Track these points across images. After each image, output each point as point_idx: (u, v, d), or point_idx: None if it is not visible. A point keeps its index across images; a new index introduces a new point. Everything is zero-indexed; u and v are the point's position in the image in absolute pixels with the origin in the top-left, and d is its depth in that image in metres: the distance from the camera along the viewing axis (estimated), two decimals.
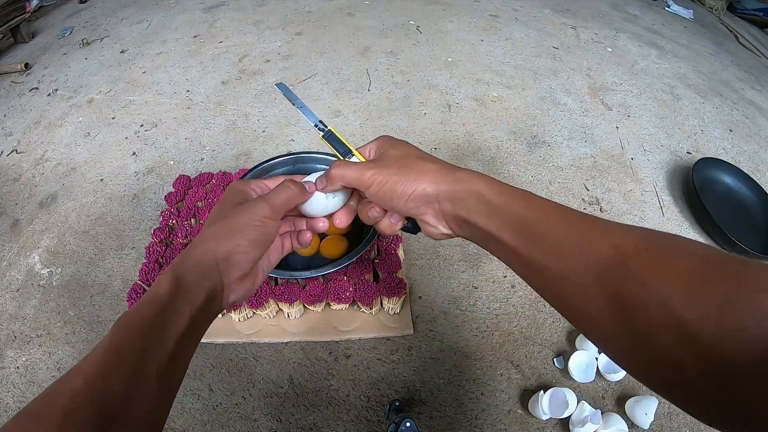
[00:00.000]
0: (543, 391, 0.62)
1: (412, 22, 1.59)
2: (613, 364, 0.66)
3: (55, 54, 1.49)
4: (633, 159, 1.10)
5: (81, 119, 1.18)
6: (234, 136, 1.10)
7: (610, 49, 1.54)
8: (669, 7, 2.00)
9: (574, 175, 1.03)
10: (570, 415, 0.61)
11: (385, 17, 1.62)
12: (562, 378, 0.68)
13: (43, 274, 0.82)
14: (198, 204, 0.82)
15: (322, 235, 0.76)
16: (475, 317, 0.74)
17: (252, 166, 0.78)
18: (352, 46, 1.44)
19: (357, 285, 0.69)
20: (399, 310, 0.72)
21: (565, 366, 0.67)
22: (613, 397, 0.66)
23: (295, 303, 0.68)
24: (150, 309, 0.29)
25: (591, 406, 0.61)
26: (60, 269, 0.83)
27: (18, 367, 0.70)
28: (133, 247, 0.85)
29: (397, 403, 0.62)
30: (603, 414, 0.62)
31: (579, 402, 0.62)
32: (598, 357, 0.67)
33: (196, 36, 1.52)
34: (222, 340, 0.70)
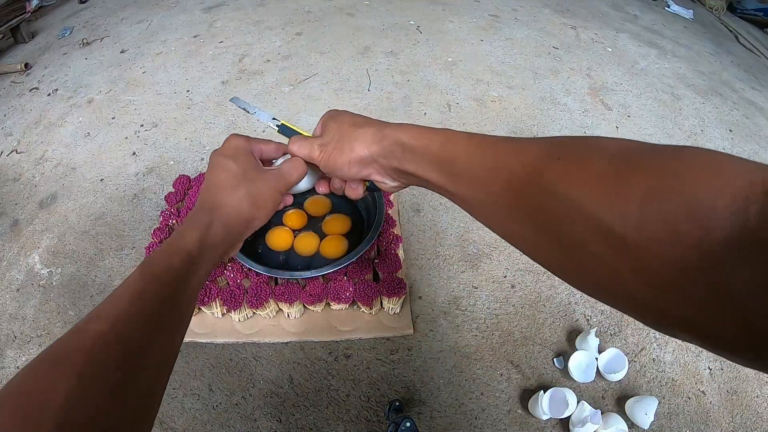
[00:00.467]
0: (543, 391, 0.62)
1: (412, 22, 1.59)
2: (613, 364, 0.66)
3: (55, 54, 1.49)
4: None
5: (81, 119, 1.18)
6: None
7: (610, 49, 1.54)
8: (669, 7, 2.00)
9: None
10: (570, 415, 0.61)
11: (385, 17, 1.62)
12: (562, 378, 0.68)
13: (43, 274, 0.82)
14: None
15: (322, 235, 0.76)
16: (475, 317, 0.74)
17: None
18: (352, 46, 1.44)
19: (357, 285, 0.69)
20: (399, 310, 0.72)
21: (565, 366, 0.67)
22: (613, 397, 0.66)
23: (295, 303, 0.68)
24: (176, 260, 0.31)
25: (591, 406, 0.61)
26: (60, 269, 0.83)
27: (18, 367, 0.70)
28: (133, 247, 0.85)
29: (397, 403, 0.62)
30: (603, 414, 0.62)
31: (579, 402, 0.62)
32: (598, 357, 0.67)
33: (196, 36, 1.52)
34: (222, 340, 0.70)
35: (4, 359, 0.71)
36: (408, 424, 0.54)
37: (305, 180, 0.44)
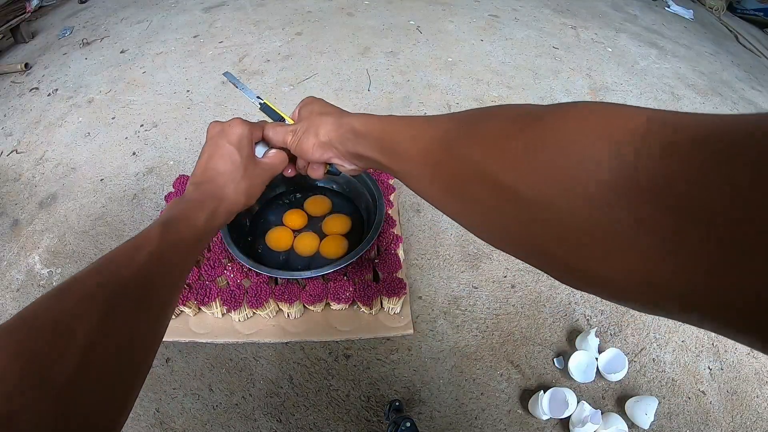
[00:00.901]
0: (543, 391, 0.62)
1: (412, 22, 1.59)
2: (614, 364, 0.66)
3: (55, 54, 1.49)
4: None
5: (81, 119, 1.18)
6: None
7: (610, 49, 1.54)
8: (669, 7, 2.00)
9: None
10: (570, 415, 0.61)
11: (385, 17, 1.62)
12: (562, 378, 0.68)
13: (44, 274, 0.82)
14: None
15: (322, 235, 0.76)
16: (475, 317, 0.74)
17: None
18: (352, 46, 1.44)
19: (357, 285, 0.69)
20: (399, 310, 0.72)
21: (565, 366, 0.67)
22: (613, 397, 0.66)
23: (295, 303, 0.68)
24: (188, 234, 0.37)
25: (591, 406, 0.61)
26: (60, 269, 0.83)
27: None
28: None
29: (397, 403, 0.62)
30: (603, 414, 0.62)
31: (579, 402, 0.62)
32: (598, 357, 0.67)
33: (196, 36, 1.52)
34: (222, 340, 0.70)
35: None
36: (408, 424, 0.54)
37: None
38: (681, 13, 1.96)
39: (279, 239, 0.75)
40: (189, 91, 1.25)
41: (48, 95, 1.28)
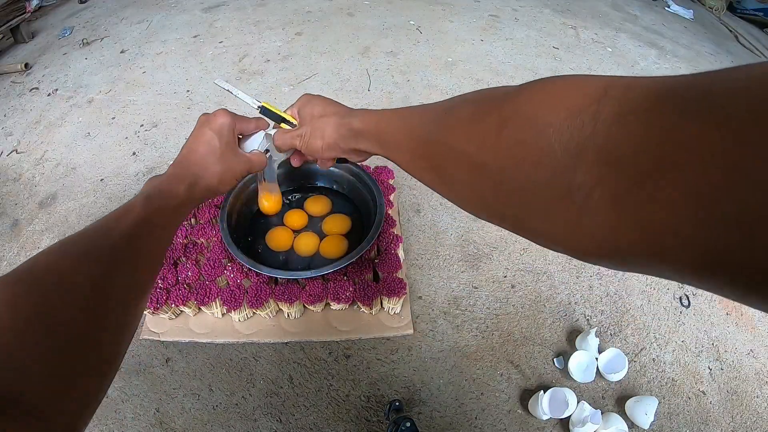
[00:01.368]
0: (543, 391, 0.62)
1: (412, 22, 1.59)
2: (614, 364, 0.66)
3: (55, 54, 1.49)
4: None
5: (81, 119, 1.18)
6: None
7: (610, 49, 1.54)
8: (669, 7, 2.00)
9: None
10: (570, 415, 0.61)
11: (385, 17, 1.62)
12: (562, 378, 0.68)
13: None
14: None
15: (322, 235, 0.76)
16: (475, 317, 0.74)
17: None
18: (352, 46, 1.44)
19: (357, 285, 0.69)
20: (399, 310, 0.72)
21: (565, 366, 0.67)
22: (613, 397, 0.66)
23: (295, 303, 0.68)
24: (171, 203, 0.40)
25: (591, 406, 0.61)
26: None
27: None
28: None
29: (397, 403, 0.62)
30: (603, 414, 0.62)
31: (579, 402, 0.62)
32: (598, 357, 0.67)
33: (196, 36, 1.52)
34: (222, 340, 0.70)
35: None
36: (408, 424, 0.54)
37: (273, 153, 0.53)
38: (681, 13, 1.96)
39: (279, 239, 0.75)
40: (189, 91, 1.25)
41: (48, 95, 1.28)
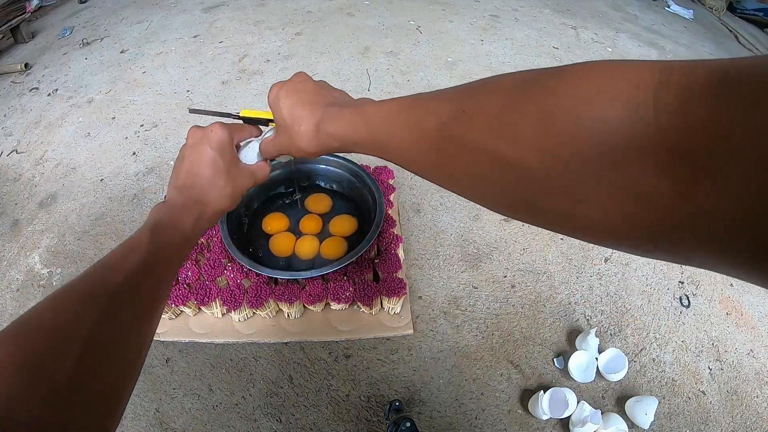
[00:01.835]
0: (543, 391, 0.62)
1: (412, 22, 1.59)
2: (614, 364, 0.66)
3: (55, 54, 1.49)
4: None
5: (81, 119, 1.18)
6: None
7: (610, 49, 1.54)
8: (669, 7, 2.00)
9: None
10: (570, 415, 0.61)
11: (385, 17, 1.62)
12: (562, 378, 0.68)
13: (43, 274, 0.82)
14: None
15: (322, 237, 0.76)
16: (475, 317, 0.74)
17: None
18: (352, 46, 1.44)
19: (357, 285, 0.69)
20: (399, 310, 0.72)
21: (565, 366, 0.67)
22: (613, 397, 0.66)
23: (295, 303, 0.68)
24: (176, 238, 0.38)
25: (591, 406, 0.61)
26: (60, 269, 0.83)
27: None
28: None
29: (397, 403, 0.62)
30: (603, 414, 0.62)
31: (579, 402, 0.62)
32: (598, 357, 0.67)
33: (196, 36, 1.52)
34: (222, 340, 0.70)
35: None
36: (408, 424, 0.54)
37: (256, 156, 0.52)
38: (681, 13, 1.96)
39: (282, 245, 0.75)
40: (189, 91, 1.25)
41: (48, 95, 1.28)
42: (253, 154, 0.49)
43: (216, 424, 0.63)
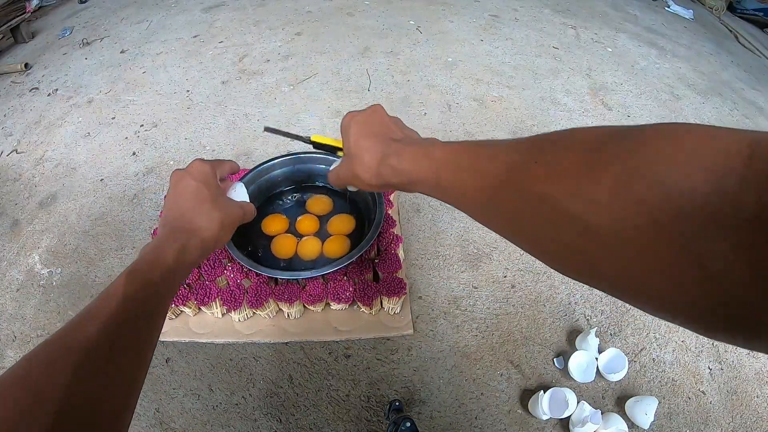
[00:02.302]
0: (543, 391, 0.62)
1: (412, 22, 1.59)
2: (614, 364, 0.66)
3: (55, 54, 1.49)
4: None
5: (81, 119, 1.18)
6: (234, 136, 1.10)
7: (610, 49, 1.54)
8: (669, 7, 2.00)
9: None
10: (570, 415, 0.61)
11: (385, 17, 1.62)
12: (562, 378, 0.68)
13: (43, 274, 0.82)
14: None
15: (324, 237, 0.76)
16: (475, 317, 0.74)
17: (252, 166, 0.78)
18: (352, 46, 1.44)
19: (357, 285, 0.69)
20: (399, 310, 0.72)
21: (565, 366, 0.67)
22: (613, 397, 0.66)
23: (295, 303, 0.68)
24: (156, 274, 0.37)
25: (591, 406, 0.61)
26: (60, 269, 0.83)
27: None
28: (133, 247, 0.85)
29: (397, 403, 0.62)
30: (603, 414, 0.62)
31: (579, 402, 0.62)
32: (598, 357, 0.67)
33: (196, 36, 1.52)
34: (222, 340, 0.70)
35: (4, 359, 0.71)
36: (408, 424, 0.54)
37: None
38: (681, 13, 1.96)
39: (283, 247, 0.75)
40: (189, 91, 1.25)
41: (48, 95, 1.28)
42: (242, 195, 0.50)
43: (216, 424, 0.63)
